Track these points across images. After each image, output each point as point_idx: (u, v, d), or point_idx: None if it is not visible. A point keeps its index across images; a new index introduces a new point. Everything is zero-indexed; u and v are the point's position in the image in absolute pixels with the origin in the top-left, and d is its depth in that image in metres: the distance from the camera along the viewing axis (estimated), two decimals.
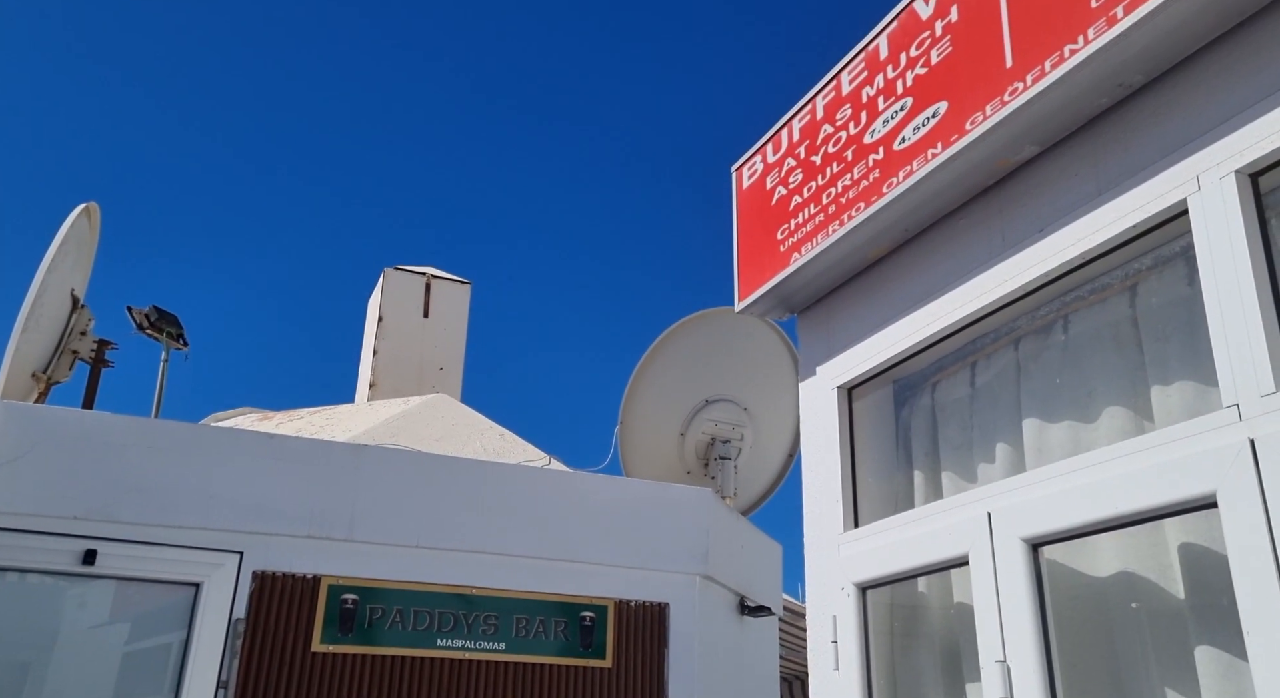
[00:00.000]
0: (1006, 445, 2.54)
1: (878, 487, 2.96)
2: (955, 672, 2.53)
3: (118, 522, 4.26)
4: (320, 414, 7.12)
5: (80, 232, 5.01)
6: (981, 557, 2.31)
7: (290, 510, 4.79)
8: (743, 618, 5.90)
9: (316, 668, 4.71)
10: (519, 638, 5.09)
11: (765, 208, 3.20)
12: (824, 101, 3.00)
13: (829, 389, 3.05)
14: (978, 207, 2.60)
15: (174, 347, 6.52)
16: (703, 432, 6.49)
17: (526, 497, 5.26)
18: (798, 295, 3.17)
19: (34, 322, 4.64)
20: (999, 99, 2.29)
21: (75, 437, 4.44)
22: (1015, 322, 2.56)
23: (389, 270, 8.65)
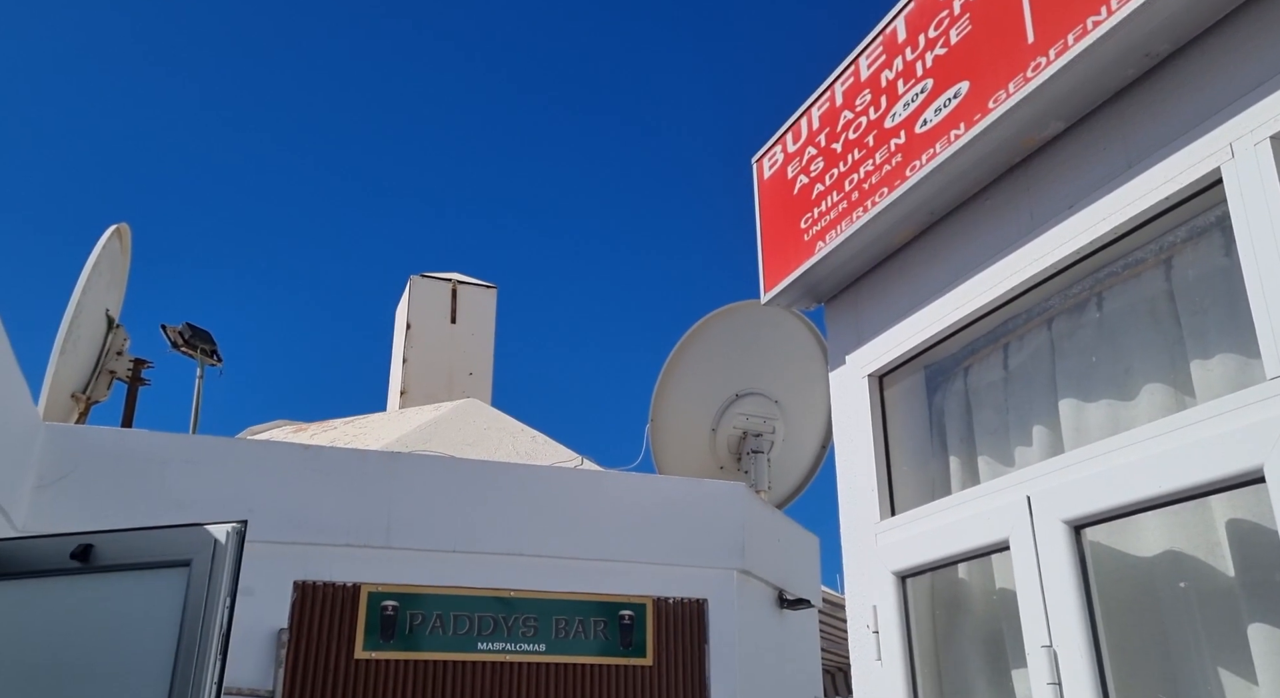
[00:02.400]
0: (1043, 427, 2.50)
1: (913, 474, 2.92)
2: (1000, 658, 2.49)
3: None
4: (353, 424, 7.19)
5: (112, 253, 5.09)
6: (1023, 541, 2.27)
7: (328, 520, 4.84)
8: (782, 611, 5.87)
9: (360, 675, 4.76)
10: (559, 639, 5.11)
11: (788, 197, 3.18)
12: (843, 87, 2.97)
13: (859, 378, 3.02)
14: (1004, 186, 2.56)
15: (208, 363, 6.61)
16: (734, 426, 6.47)
17: (561, 498, 5.27)
18: (824, 284, 3.14)
19: (71, 343, 4.72)
20: (1021, 75, 2.25)
21: (116, 455, 4.52)
22: (1047, 301, 2.52)
23: (415, 278, 8.72)
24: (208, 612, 2.41)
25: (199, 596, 2.44)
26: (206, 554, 2.52)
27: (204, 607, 2.41)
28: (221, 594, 2.43)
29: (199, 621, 2.39)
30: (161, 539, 2.62)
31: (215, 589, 2.44)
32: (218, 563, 2.49)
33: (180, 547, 2.55)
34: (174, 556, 2.55)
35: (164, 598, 2.46)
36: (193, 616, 2.41)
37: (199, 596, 2.44)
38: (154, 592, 2.49)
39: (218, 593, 2.43)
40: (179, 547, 2.55)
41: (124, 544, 2.63)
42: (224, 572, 2.46)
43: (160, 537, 2.64)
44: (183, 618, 2.41)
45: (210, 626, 2.39)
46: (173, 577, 2.48)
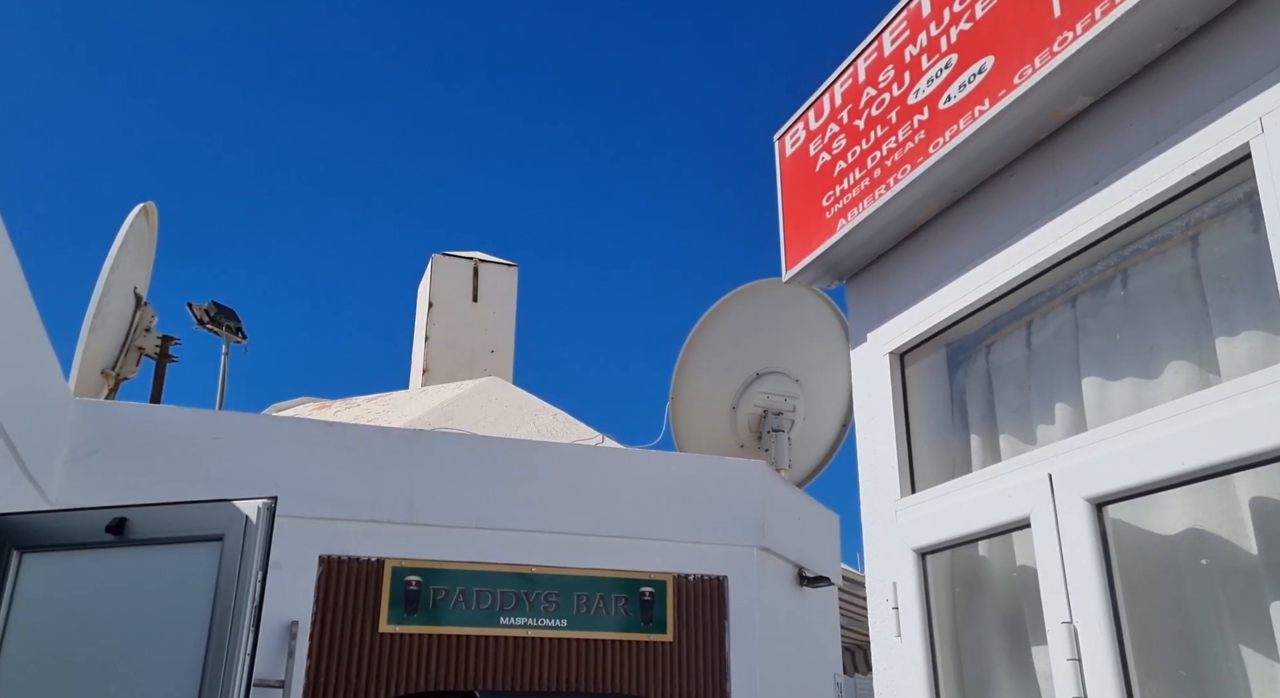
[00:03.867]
0: (1066, 405, 2.49)
1: (933, 452, 2.92)
2: (1020, 635, 2.50)
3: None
4: (376, 401, 7.25)
5: (139, 231, 5.15)
6: (1044, 518, 2.27)
7: (352, 496, 4.90)
8: (802, 589, 5.90)
9: (384, 648, 4.83)
10: (580, 614, 5.16)
11: (809, 175, 3.17)
12: (865, 64, 2.94)
13: (881, 355, 3.02)
14: (1029, 162, 2.53)
15: (233, 340, 6.69)
16: (754, 404, 6.47)
17: (582, 475, 5.31)
18: (846, 262, 3.13)
19: (100, 321, 4.79)
20: (1048, 50, 2.23)
21: (145, 431, 4.59)
22: (1072, 279, 2.51)
23: (437, 256, 8.76)
24: (240, 585, 2.46)
25: (231, 569, 2.49)
26: (239, 529, 2.57)
27: (236, 580, 2.47)
28: (254, 568, 2.48)
29: (232, 594, 2.45)
30: (194, 514, 2.68)
31: (247, 563, 2.49)
32: (249, 538, 2.54)
33: (213, 522, 2.60)
34: (207, 530, 2.61)
35: (197, 571, 2.51)
36: (226, 589, 2.46)
37: (231, 569, 2.49)
38: (187, 565, 2.54)
39: (250, 567, 2.48)
40: (212, 522, 2.60)
41: (158, 518, 2.68)
42: (255, 546, 2.51)
43: (193, 512, 2.70)
44: (216, 591, 2.47)
45: (243, 599, 2.45)
46: (206, 551, 2.53)
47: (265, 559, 2.57)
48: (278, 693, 4.48)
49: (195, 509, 2.70)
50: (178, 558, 2.58)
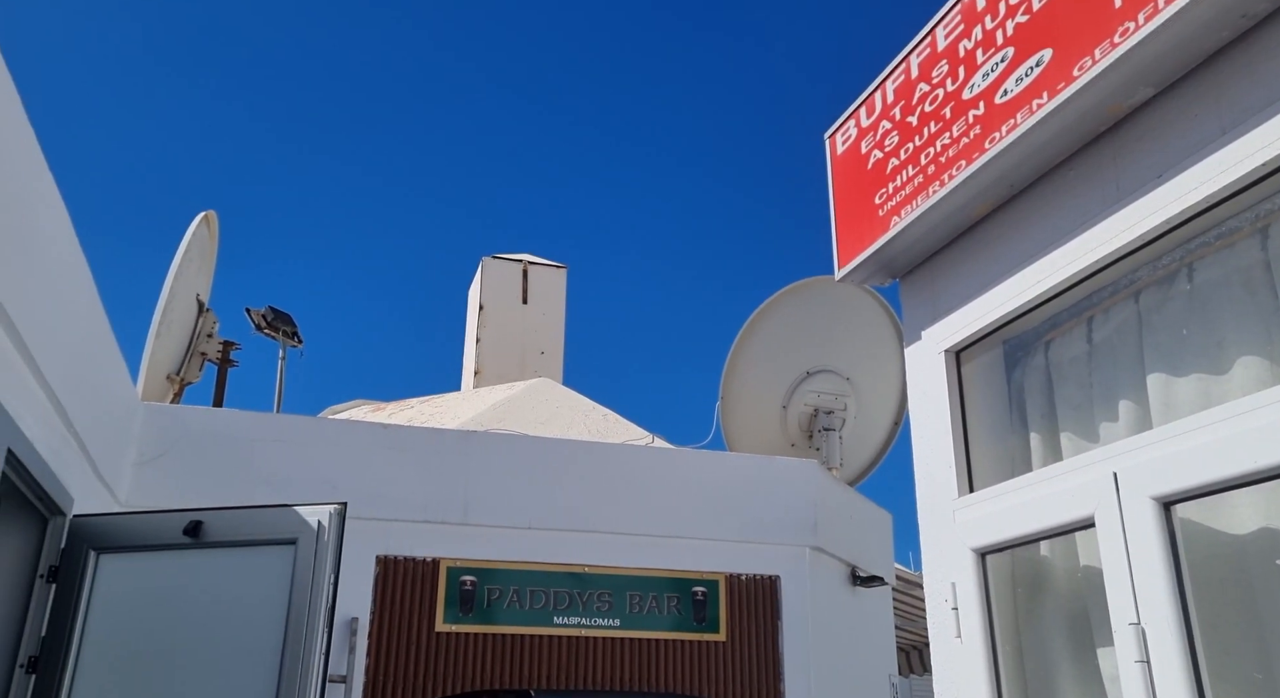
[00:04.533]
0: (1130, 402, 2.44)
1: (991, 450, 2.89)
2: (1084, 636, 2.46)
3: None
4: (429, 403, 7.36)
5: (201, 239, 5.29)
6: (1109, 518, 2.23)
7: (408, 497, 4.98)
8: (855, 588, 5.86)
9: (441, 647, 4.90)
10: (633, 614, 5.18)
11: (861, 173, 3.14)
12: (918, 59, 2.92)
13: (936, 353, 2.98)
14: (1089, 156, 2.49)
15: (289, 344, 6.83)
16: (805, 403, 6.44)
17: (634, 475, 5.33)
18: (899, 260, 3.10)
19: (165, 327, 4.93)
20: (1108, 41, 2.19)
21: (208, 434, 4.72)
22: (1135, 273, 2.46)
23: (487, 259, 8.85)
24: (315, 587, 2.52)
25: (305, 572, 2.55)
26: (311, 533, 2.64)
27: (310, 583, 2.53)
28: (326, 571, 2.54)
29: (306, 595, 2.51)
30: (268, 518, 2.75)
31: (321, 566, 2.55)
32: (322, 542, 2.60)
33: (286, 526, 2.67)
34: (280, 534, 2.67)
35: (272, 573, 2.58)
36: (300, 591, 2.53)
37: (305, 572, 2.55)
38: (262, 567, 2.62)
39: (323, 570, 2.54)
40: (285, 526, 2.67)
41: (233, 522, 2.76)
42: (328, 550, 2.58)
43: (267, 516, 2.77)
44: (290, 593, 2.53)
45: (317, 600, 2.51)
46: (280, 554, 2.60)
47: (337, 562, 2.63)
48: (340, 688, 4.57)
49: (269, 513, 2.77)
50: (252, 560, 2.65)
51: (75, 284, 3.29)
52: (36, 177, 2.79)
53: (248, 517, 2.76)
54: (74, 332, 3.31)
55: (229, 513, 2.79)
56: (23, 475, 2.98)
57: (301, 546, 2.60)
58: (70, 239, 3.16)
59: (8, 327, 2.67)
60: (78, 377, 3.39)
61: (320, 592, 2.52)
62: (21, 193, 2.66)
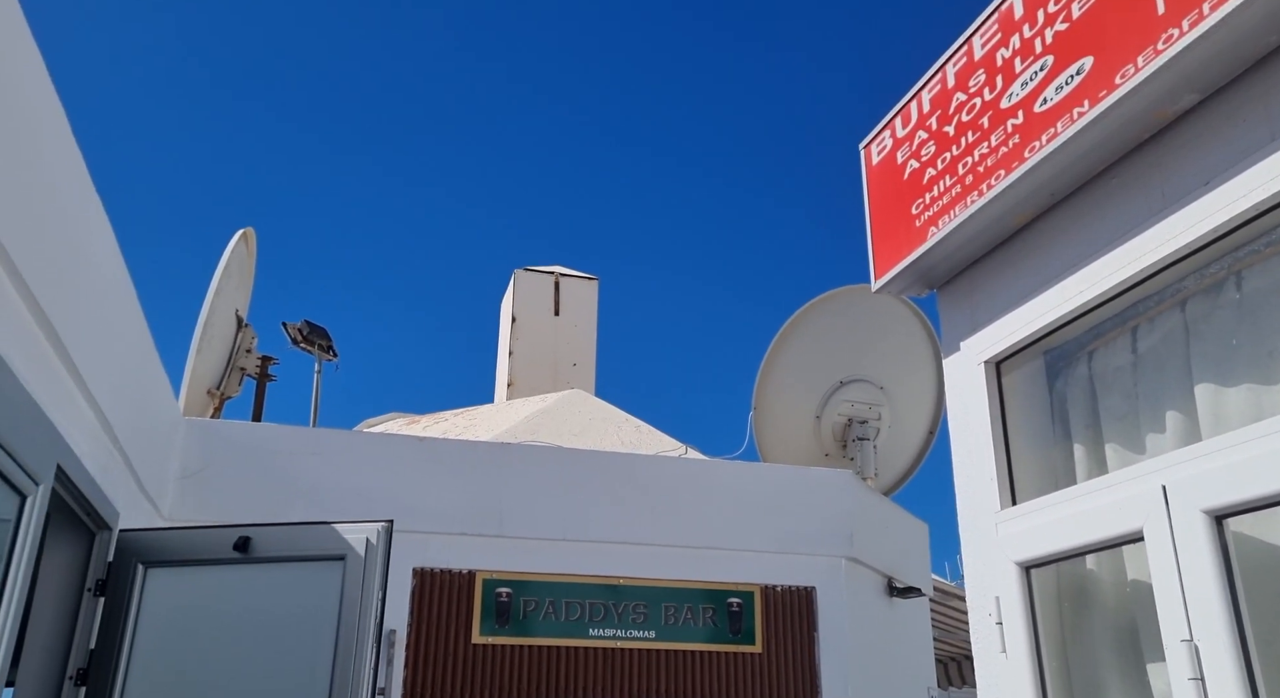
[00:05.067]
0: (1178, 413, 2.40)
1: (1034, 462, 2.85)
2: (1134, 652, 2.42)
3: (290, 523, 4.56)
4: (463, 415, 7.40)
5: (240, 256, 5.38)
6: (1159, 532, 2.19)
7: (443, 509, 5.00)
8: (892, 600, 5.80)
9: (477, 659, 4.92)
10: (668, 626, 5.17)
11: (898, 183, 3.13)
12: (955, 69, 2.90)
13: (975, 364, 2.96)
14: (1132, 163, 2.46)
15: (325, 358, 6.91)
16: (839, 413, 6.39)
17: (667, 486, 5.32)
18: (937, 270, 3.08)
19: (206, 343, 5.01)
20: (1152, 48, 2.16)
21: (248, 447, 4.78)
22: (1181, 282, 2.42)
23: (519, 271, 8.90)
24: (364, 603, 2.55)
25: (354, 588, 2.58)
26: (360, 550, 2.67)
27: (360, 598, 2.55)
28: (375, 587, 2.57)
29: (355, 611, 2.54)
30: (317, 535, 2.79)
31: (369, 583, 2.57)
32: (371, 558, 2.63)
33: (335, 542, 2.70)
34: (330, 550, 2.71)
35: (321, 589, 2.61)
36: (350, 606, 2.55)
37: (354, 588, 2.58)
38: (311, 583, 2.65)
39: (372, 586, 2.57)
40: (334, 542, 2.70)
41: (281, 538, 2.80)
42: (376, 567, 2.60)
43: (315, 532, 2.80)
44: (340, 609, 2.56)
45: (366, 616, 2.53)
46: (329, 570, 2.63)
47: (384, 579, 2.65)
48: None
49: (317, 530, 2.81)
50: (301, 576, 2.68)
51: (121, 303, 3.35)
52: (85, 199, 2.85)
53: (297, 533, 2.79)
54: (120, 350, 3.37)
55: (278, 529, 2.82)
56: (71, 491, 3.04)
57: (350, 562, 2.63)
58: (116, 259, 3.23)
59: (57, 346, 2.73)
60: (124, 394, 3.45)
61: (369, 608, 2.55)
62: (71, 215, 2.72)
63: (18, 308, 2.43)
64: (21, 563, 2.62)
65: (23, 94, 2.26)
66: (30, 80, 2.29)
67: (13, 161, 2.23)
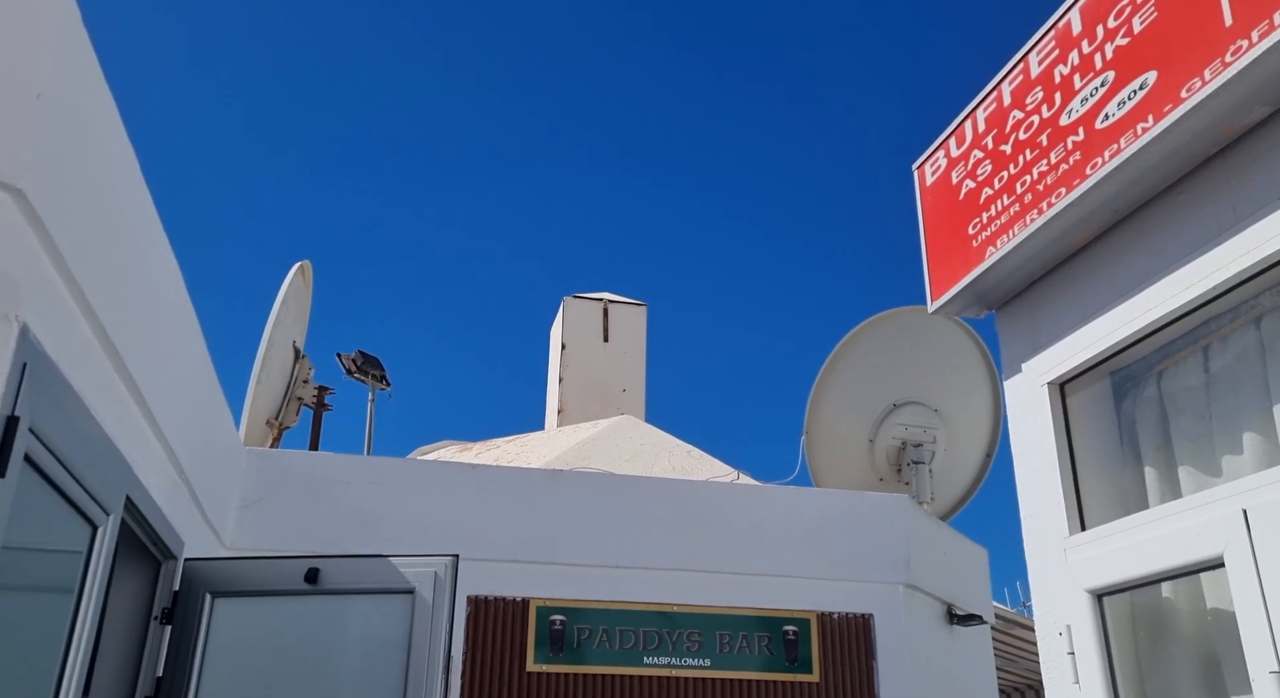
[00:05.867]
0: (1256, 435, 2.32)
1: (1103, 486, 2.77)
2: (1217, 683, 2.32)
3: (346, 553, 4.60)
4: (515, 442, 7.43)
5: (297, 288, 5.49)
6: (1241, 558, 2.11)
7: (496, 536, 5.02)
8: (952, 627, 5.66)
9: (532, 687, 4.89)
10: (723, 654, 5.10)
11: (953, 203, 3.09)
12: (1011, 87, 2.87)
13: (1038, 386, 2.89)
14: (1200, 178, 2.40)
15: (379, 387, 7.00)
16: (892, 437, 6.30)
17: (720, 512, 5.28)
18: (995, 291, 3.03)
19: (265, 375, 5.11)
20: (1219, 61, 2.12)
21: (306, 477, 4.85)
22: (1256, 299, 2.35)
23: (568, 299, 8.96)
24: (434, 636, 2.57)
25: (424, 622, 2.61)
26: (429, 584, 2.70)
27: (429, 632, 2.58)
28: (444, 620, 2.59)
29: (425, 645, 2.56)
30: (385, 567, 2.83)
31: (439, 616, 2.60)
32: (440, 592, 2.65)
33: (404, 576, 2.73)
34: (399, 584, 2.74)
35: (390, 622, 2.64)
36: (419, 640, 2.58)
37: (424, 622, 2.61)
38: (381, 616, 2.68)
39: (441, 620, 2.59)
40: (402, 576, 2.74)
41: (350, 570, 2.84)
42: (445, 600, 2.62)
43: (383, 565, 2.84)
44: (410, 642, 2.59)
45: (436, 650, 2.55)
46: (398, 603, 2.66)
47: (452, 613, 2.67)
48: None
49: (385, 563, 2.84)
50: (369, 608, 2.71)
51: (186, 337, 3.43)
52: (154, 238, 2.93)
53: (365, 566, 2.82)
54: (186, 382, 3.45)
55: (346, 561, 2.86)
56: (139, 521, 3.11)
57: (419, 596, 2.65)
58: (182, 295, 3.31)
59: (127, 380, 2.80)
60: (189, 426, 3.52)
61: (438, 642, 2.56)
62: (140, 253, 2.80)
63: (90, 343, 2.50)
64: (93, 593, 2.67)
65: (94, 130, 2.34)
66: (100, 115, 2.37)
67: (85, 200, 2.30)
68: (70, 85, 2.13)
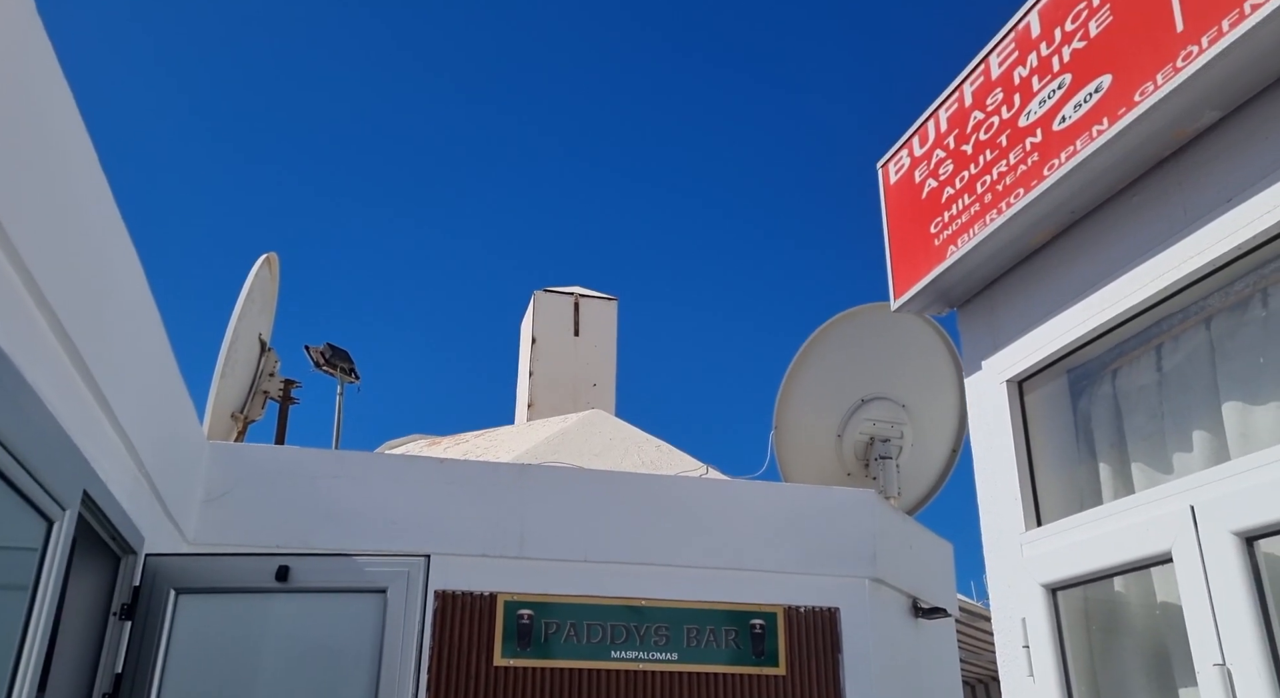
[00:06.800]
0: (1205, 432, 2.37)
1: (1058, 483, 2.82)
2: (1165, 676, 2.37)
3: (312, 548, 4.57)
4: (484, 436, 7.42)
5: (263, 281, 5.44)
6: (1188, 553, 2.16)
7: (464, 531, 5.01)
8: (917, 620, 5.73)
9: (499, 682, 4.90)
10: (691, 648, 5.13)
11: (915, 202, 3.12)
12: (972, 88, 2.90)
13: (997, 383, 2.93)
14: (1153, 181, 2.44)
15: (347, 381, 6.95)
16: (861, 432, 6.35)
17: (688, 507, 5.30)
18: (957, 289, 3.07)
19: (230, 367, 5.06)
20: (1171, 66, 2.15)
21: (271, 471, 4.81)
22: (1205, 300, 2.39)
23: (538, 293, 8.94)
24: (405, 637, 2.57)
25: (396, 621, 2.61)
26: (402, 583, 2.70)
27: (401, 631, 2.58)
28: (416, 620, 2.59)
29: (397, 644, 2.56)
30: (356, 566, 2.82)
31: (411, 615, 2.59)
32: (412, 592, 2.65)
33: (375, 575, 2.73)
34: (370, 583, 2.74)
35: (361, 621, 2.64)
36: (391, 639, 2.58)
37: (396, 621, 2.61)
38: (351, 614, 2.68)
39: (413, 620, 2.59)
40: (374, 575, 2.74)
41: (320, 568, 2.83)
42: (417, 601, 2.62)
43: (356, 564, 2.84)
44: (382, 641, 2.59)
45: (408, 650, 2.55)
46: (369, 601, 2.66)
47: (424, 613, 2.68)
48: None
49: (356, 562, 2.84)
50: (339, 607, 2.71)
51: (147, 329, 3.39)
52: (111, 227, 2.90)
53: (336, 564, 2.82)
54: (146, 375, 3.41)
55: (318, 559, 2.86)
56: (98, 516, 3.07)
57: (392, 595, 2.66)
58: (142, 286, 3.27)
59: (84, 374, 2.77)
60: (150, 419, 3.48)
61: (410, 641, 2.57)
62: (97, 243, 2.77)
63: (45, 336, 2.47)
64: (49, 588, 2.64)
65: (50, 123, 2.30)
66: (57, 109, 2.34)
67: (39, 191, 2.27)
68: (23, 76, 2.10)
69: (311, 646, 2.82)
